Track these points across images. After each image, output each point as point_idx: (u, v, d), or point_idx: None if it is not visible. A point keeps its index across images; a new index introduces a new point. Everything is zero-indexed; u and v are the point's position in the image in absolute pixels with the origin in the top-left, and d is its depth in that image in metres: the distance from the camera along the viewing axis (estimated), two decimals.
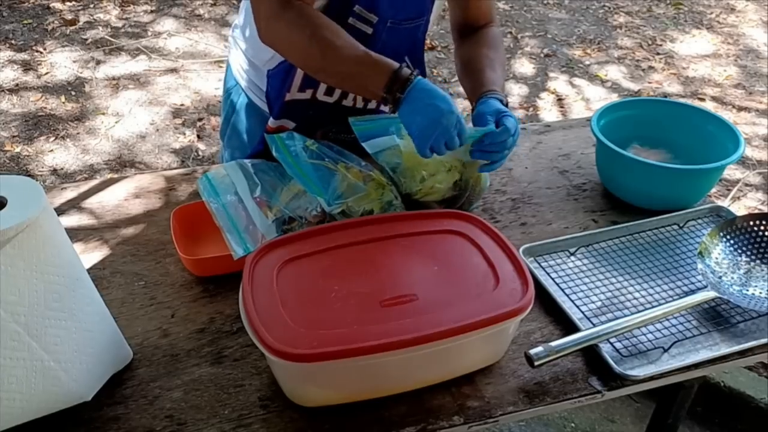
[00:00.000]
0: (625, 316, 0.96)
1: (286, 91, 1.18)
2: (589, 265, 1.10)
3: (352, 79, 1.07)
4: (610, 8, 4.19)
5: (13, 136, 2.91)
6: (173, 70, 3.41)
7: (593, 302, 1.03)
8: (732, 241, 1.09)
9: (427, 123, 0.99)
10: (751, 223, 1.10)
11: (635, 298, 1.04)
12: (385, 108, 1.28)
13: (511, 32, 3.88)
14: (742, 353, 0.95)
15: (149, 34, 3.76)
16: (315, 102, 1.21)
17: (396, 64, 1.02)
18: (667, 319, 0.99)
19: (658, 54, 3.68)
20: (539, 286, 1.03)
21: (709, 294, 1.00)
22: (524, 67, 3.54)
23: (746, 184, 2.63)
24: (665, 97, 3.20)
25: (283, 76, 1.17)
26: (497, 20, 1.29)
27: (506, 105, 1.12)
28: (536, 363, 0.86)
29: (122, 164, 2.78)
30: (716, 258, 1.07)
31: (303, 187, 1.09)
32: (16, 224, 0.71)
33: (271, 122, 1.22)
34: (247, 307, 0.82)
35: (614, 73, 3.49)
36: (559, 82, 3.41)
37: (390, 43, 1.14)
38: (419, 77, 1.02)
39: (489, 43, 1.23)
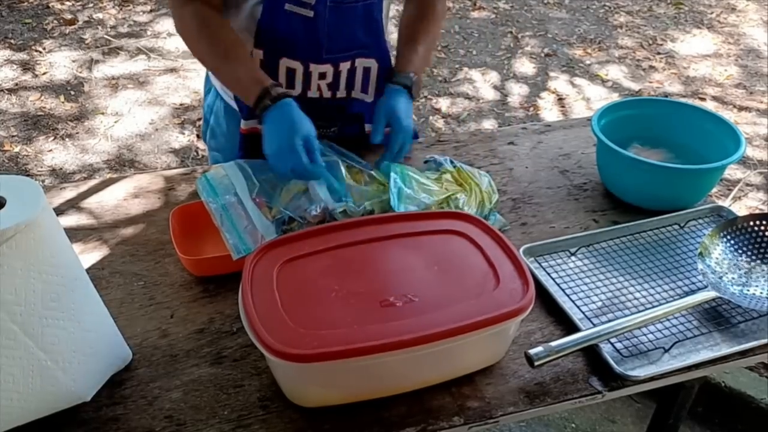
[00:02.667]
0: (626, 316, 0.96)
1: None
2: (589, 265, 1.10)
3: (233, 88, 1.17)
4: (610, 8, 4.19)
5: (12, 136, 2.91)
6: (172, 70, 3.41)
7: (594, 302, 1.02)
8: (732, 241, 1.09)
9: (278, 147, 1.04)
10: (752, 223, 1.09)
11: (636, 298, 1.03)
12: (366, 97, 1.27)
13: (511, 32, 3.87)
14: (742, 353, 0.95)
15: (148, 33, 3.76)
16: None
17: (267, 83, 1.07)
18: (668, 320, 0.98)
19: (658, 54, 3.68)
20: (540, 286, 1.02)
21: (709, 294, 1.00)
22: (525, 66, 3.54)
23: (747, 184, 2.63)
24: (666, 96, 3.20)
25: None
26: None
27: (411, 87, 1.18)
28: (536, 363, 0.86)
29: (121, 164, 2.78)
30: (717, 258, 1.07)
31: (324, 182, 1.08)
32: (15, 224, 0.71)
33: (243, 124, 1.23)
34: (247, 307, 0.82)
35: (615, 72, 3.49)
36: (559, 82, 3.40)
37: (339, 26, 1.14)
38: (286, 100, 1.06)
39: (428, 12, 1.26)
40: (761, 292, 1.02)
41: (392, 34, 1.32)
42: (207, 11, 1.11)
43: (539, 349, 0.87)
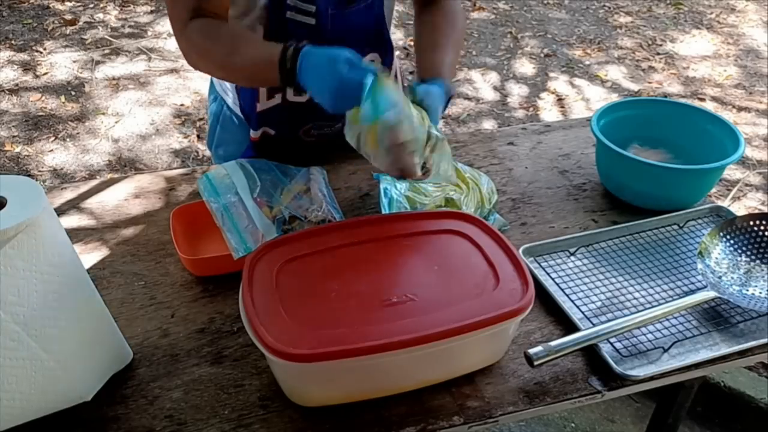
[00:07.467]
0: (625, 316, 0.96)
1: (256, 102, 1.19)
2: (589, 265, 1.10)
3: (252, 78, 1.07)
4: (610, 8, 4.19)
5: (13, 137, 2.91)
6: (173, 71, 3.41)
7: (593, 302, 1.03)
8: (732, 241, 1.09)
9: (330, 92, 0.93)
10: (751, 223, 1.10)
11: (635, 298, 1.03)
12: None
13: (511, 32, 3.88)
14: (741, 353, 0.95)
15: (149, 34, 3.76)
16: (287, 104, 1.20)
17: (278, 51, 0.96)
18: (667, 319, 0.99)
19: (658, 54, 3.68)
20: (539, 286, 1.02)
21: (708, 294, 1.00)
22: (524, 67, 3.54)
23: (746, 184, 2.63)
24: (665, 97, 3.20)
25: (251, 89, 1.18)
26: None
27: (449, 93, 1.06)
28: (536, 363, 0.86)
29: (122, 164, 2.78)
30: (716, 258, 1.07)
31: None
32: (16, 224, 0.71)
33: (253, 134, 1.22)
34: (247, 307, 0.82)
35: (614, 73, 3.49)
36: (559, 82, 3.41)
37: (342, 31, 1.11)
38: (305, 48, 0.95)
39: (448, 18, 1.18)
40: (760, 292, 1.03)
41: (393, 34, 1.30)
42: (209, 21, 1.06)
43: (539, 348, 0.87)
